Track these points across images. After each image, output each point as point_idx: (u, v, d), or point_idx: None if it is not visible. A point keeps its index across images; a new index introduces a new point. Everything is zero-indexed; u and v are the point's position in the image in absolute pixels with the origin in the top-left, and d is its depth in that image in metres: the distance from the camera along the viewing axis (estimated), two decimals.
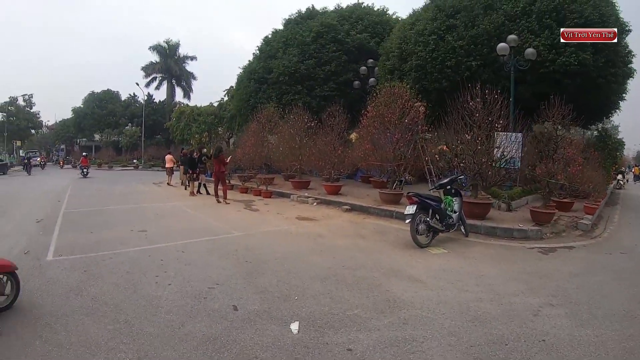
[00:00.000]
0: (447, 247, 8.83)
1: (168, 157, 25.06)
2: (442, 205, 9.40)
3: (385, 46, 24.30)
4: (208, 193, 18.80)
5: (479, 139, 11.39)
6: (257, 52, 31.02)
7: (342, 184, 16.67)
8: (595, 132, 27.56)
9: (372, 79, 24.74)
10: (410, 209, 8.72)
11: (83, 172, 31.13)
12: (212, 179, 16.96)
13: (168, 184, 23.33)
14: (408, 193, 9.26)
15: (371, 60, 25.37)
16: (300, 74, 26.38)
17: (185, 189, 19.84)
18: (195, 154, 19.96)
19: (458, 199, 9.93)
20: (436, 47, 19.88)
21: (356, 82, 25.65)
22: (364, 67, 25.26)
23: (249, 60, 31.55)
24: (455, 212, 9.69)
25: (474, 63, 18.78)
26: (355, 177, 21.94)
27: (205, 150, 20.76)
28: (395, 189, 14.34)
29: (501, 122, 11.73)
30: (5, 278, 4.94)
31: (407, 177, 14.91)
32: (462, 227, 9.90)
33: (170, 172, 23.97)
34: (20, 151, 63.38)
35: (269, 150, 20.80)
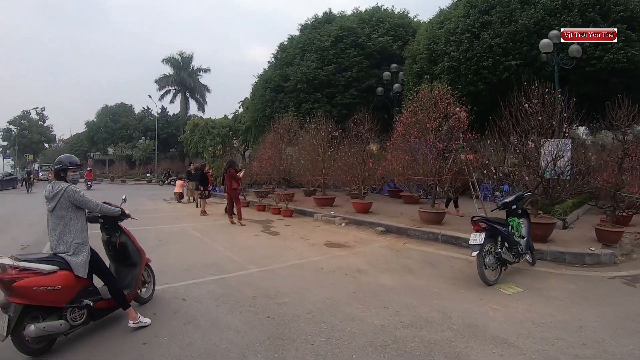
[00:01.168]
0: (518, 283, 6.97)
1: (179, 182, 23.49)
2: (510, 230, 7.48)
3: (411, 48, 22.48)
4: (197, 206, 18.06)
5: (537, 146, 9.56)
6: (273, 59, 29.47)
7: (371, 200, 14.69)
8: None
9: (396, 85, 23.01)
10: (477, 238, 6.90)
11: (87, 184, 33.17)
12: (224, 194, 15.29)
13: (178, 201, 21.71)
14: (474, 218, 7.34)
15: (395, 65, 23.54)
16: (319, 80, 24.69)
17: (197, 206, 18.13)
18: (206, 168, 18.36)
19: (526, 221, 8.04)
20: (470, 46, 18.10)
21: (379, 89, 23.66)
22: (387, 73, 23.39)
23: (264, 69, 30.00)
24: (523, 238, 7.77)
25: (513, 62, 16.99)
26: (383, 191, 20.09)
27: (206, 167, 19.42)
28: (434, 206, 12.37)
29: (566, 126, 9.89)
30: (147, 271, 5.80)
31: (450, 194, 12.89)
32: (528, 255, 7.98)
33: (179, 197, 22.18)
34: (34, 165, 62.63)
35: (288, 163, 18.91)
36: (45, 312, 4.37)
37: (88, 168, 34.42)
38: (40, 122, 65.30)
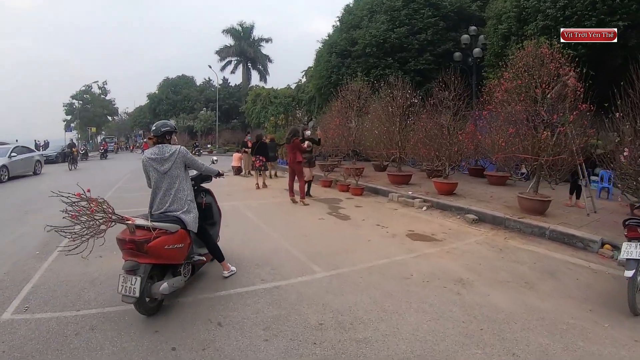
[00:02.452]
0: None
1: (236, 155, 21.35)
2: None
3: (495, 7, 19.57)
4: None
5: None
6: (338, 23, 27.26)
7: (455, 180, 12.54)
8: None
9: (477, 49, 20.58)
10: (634, 251, 4.87)
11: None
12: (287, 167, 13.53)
13: (236, 174, 20.24)
14: (628, 221, 5.25)
15: (474, 27, 21.06)
16: (390, 44, 22.35)
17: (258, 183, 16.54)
18: (264, 138, 16.76)
19: None
20: (570, 2, 15.23)
21: (457, 54, 21.39)
22: (466, 36, 21.00)
23: (329, 34, 27.81)
24: None
25: (620, 23, 14.06)
26: (461, 168, 17.71)
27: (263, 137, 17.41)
28: (537, 191, 10.05)
29: None
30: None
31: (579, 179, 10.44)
32: None
33: (237, 170, 20.51)
34: (98, 137, 63.65)
35: (358, 133, 16.87)
36: (160, 271, 4.60)
37: (144, 140, 32.75)
38: (102, 96, 66.49)
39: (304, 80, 41.09)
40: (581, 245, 7.62)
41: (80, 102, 64.48)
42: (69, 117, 67.10)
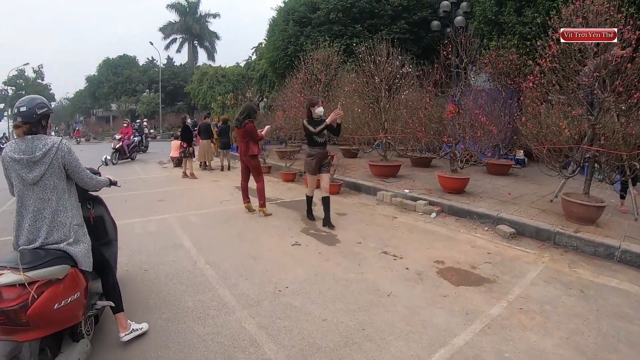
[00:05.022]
0: None
1: (174, 143, 16.29)
2: None
3: None
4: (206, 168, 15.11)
5: None
6: None
7: (467, 175, 9.41)
8: None
9: (459, 18, 17.73)
10: None
11: (78, 142, 32.97)
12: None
13: (176, 166, 16.13)
14: None
15: None
16: (359, 9, 18.99)
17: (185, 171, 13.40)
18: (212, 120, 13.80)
19: None
20: None
21: (435, 22, 18.64)
22: (446, 2, 18.14)
23: (284, 0, 24.13)
24: None
25: None
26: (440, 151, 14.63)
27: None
28: (588, 193, 7.14)
29: None
30: None
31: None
32: None
33: (177, 162, 16.14)
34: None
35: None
36: (55, 340, 3.04)
37: (77, 127, 27.83)
38: (38, 80, 60.17)
39: (254, 57, 37.96)
40: None
41: (13, 88, 57.67)
42: (1, 106, 60.04)
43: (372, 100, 11.13)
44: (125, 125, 20.93)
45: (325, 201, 7.25)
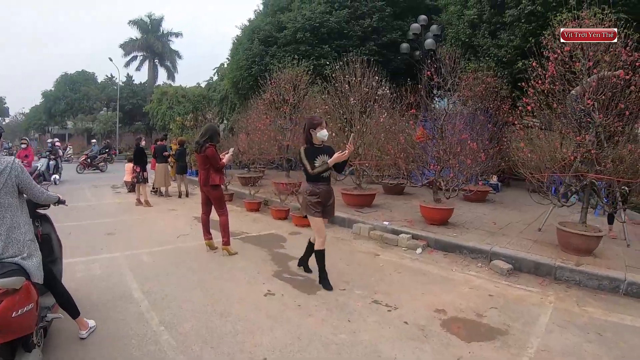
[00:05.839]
0: None
1: (128, 166, 14.57)
2: None
3: None
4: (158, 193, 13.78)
5: None
6: (262, 6, 22.88)
7: (450, 205, 8.65)
8: None
9: (429, 40, 17.24)
10: None
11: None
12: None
13: (130, 191, 14.29)
14: None
15: (424, 16, 17.76)
16: (327, 29, 18.41)
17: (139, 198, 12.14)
18: (142, 142, 12.98)
19: None
20: None
21: (404, 45, 18.05)
22: (416, 25, 17.65)
23: (250, 19, 23.42)
24: None
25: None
26: (415, 180, 13.78)
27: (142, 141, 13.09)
28: (585, 222, 6.77)
29: None
30: None
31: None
32: None
33: (130, 187, 14.27)
34: None
35: (295, 137, 12.62)
36: (8, 349, 3.15)
37: (22, 145, 24.76)
38: None
39: (215, 78, 37.15)
40: None
41: None
42: None
43: (344, 122, 10.38)
44: (23, 146, 16.20)
45: (318, 255, 5.49)
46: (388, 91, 10.37)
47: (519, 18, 12.86)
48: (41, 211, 4.17)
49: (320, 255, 5.42)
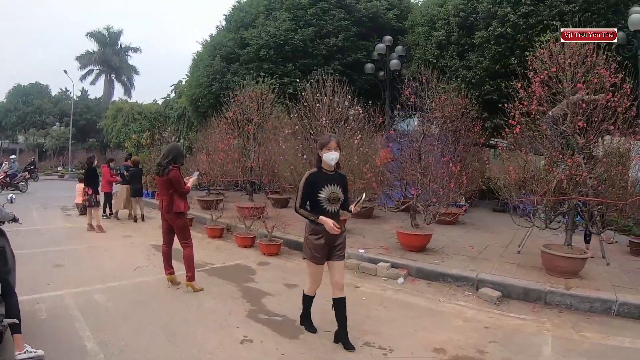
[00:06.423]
0: None
1: (79, 186, 13.43)
2: None
3: (426, 12, 16.25)
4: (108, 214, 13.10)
5: None
6: (224, 22, 22.22)
7: (429, 231, 8.26)
8: None
9: (394, 61, 17.34)
10: None
11: None
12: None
13: (82, 213, 13.09)
14: None
15: (389, 37, 17.89)
16: (292, 47, 17.94)
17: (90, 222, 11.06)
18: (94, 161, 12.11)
19: None
20: (535, 9, 12.15)
21: (369, 65, 18.11)
22: (382, 45, 17.62)
23: (212, 34, 22.66)
24: None
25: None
26: (379, 201, 13.29)
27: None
28: (570, 245, 6.81)
29: None
30: None
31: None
32: None
33: (82, 209, 13.09)
34: None
35: (264, 158, 12.18)
36: None
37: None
38: None
39: (173, 95, 36.01)
40: None
41: None
42: None
43: (312, 143, 9.90)
44: None
45: (340, 305, 4.42)
46: (360, 110, 9.91)
47: (488, 40, 12.88)
48: None
49: (309, 301, 4.72)
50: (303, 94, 10.10)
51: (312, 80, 10.09)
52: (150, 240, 9.54)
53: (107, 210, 13.24)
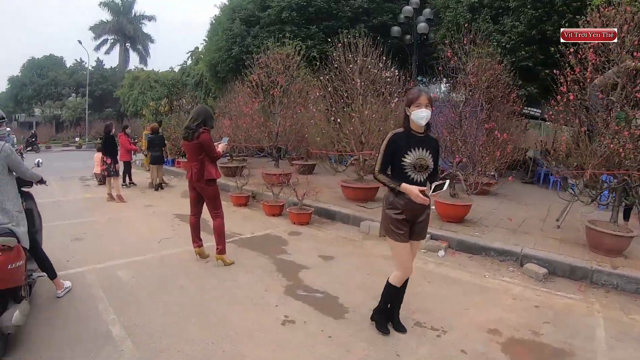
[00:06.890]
0: None
1: (97, 156, 12.74)
2: None
3: None
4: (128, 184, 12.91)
5: None
6: None
7: (469, 202, 7.84)
8: None
9: (422, 24, 16.88)
10: None
11: None
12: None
13: (101, 183, 12.84)
14: None
15: None
16: (315, 8, 17.26)
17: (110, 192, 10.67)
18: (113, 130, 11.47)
19: None
20: None
21: (395, 28, 17.50)
22: (409, 7, 17.06)
23: None
24: None
25: None
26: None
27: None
28: (617, 221, 6.58)
29: None
30: None
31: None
32: None
33: (101, 179, 12.80)
34: None
35: (290, 123, 11.68)
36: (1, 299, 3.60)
37: None
38: None
39: (189, 62, 35.86)
40: None
41: None
42: None
43: (344, 107, 9.41)
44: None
45: (403, 285, 3.87)
46: (396, 72, 9.38)
47: (524, 3, 12.13)
48: (25, 189, 4.75)
49: (394, 293, 3.88)
50: (334, 54, 9.58)
51: (339, 43, 9.56)
52: (173, 210, 9.26)
53: (127, 179, 12.96)
